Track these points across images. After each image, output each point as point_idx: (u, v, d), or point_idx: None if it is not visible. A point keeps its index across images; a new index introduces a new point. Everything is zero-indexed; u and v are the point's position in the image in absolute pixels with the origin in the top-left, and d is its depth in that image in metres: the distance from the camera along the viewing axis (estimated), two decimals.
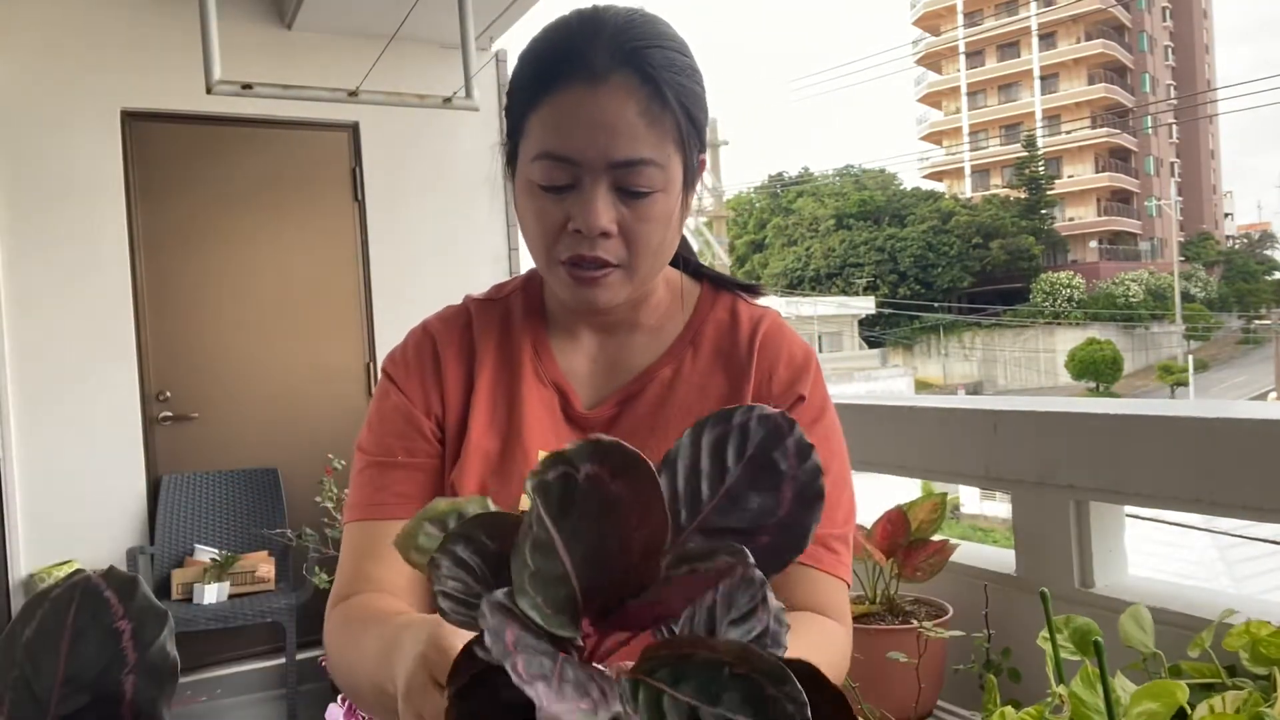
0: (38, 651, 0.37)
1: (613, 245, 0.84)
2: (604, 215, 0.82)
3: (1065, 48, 46.41)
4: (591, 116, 0.80)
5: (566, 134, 0.81)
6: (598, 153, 0.81)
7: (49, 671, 0.37)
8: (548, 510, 0.37)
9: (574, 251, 0.84)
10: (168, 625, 0.37)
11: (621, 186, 0.82)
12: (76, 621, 0.37)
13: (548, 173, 0.82)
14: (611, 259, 0.84)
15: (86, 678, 0.37)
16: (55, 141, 3.60)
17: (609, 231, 0.82)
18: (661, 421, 0.90)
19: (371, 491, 0.89)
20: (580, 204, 0.82)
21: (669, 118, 0.82)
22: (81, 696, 0.36)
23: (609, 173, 0.81)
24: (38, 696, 0.37)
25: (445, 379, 0.93)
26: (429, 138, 4.22)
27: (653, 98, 0.81)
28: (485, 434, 0.90)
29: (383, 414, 0.93)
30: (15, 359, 3.51)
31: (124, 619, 0.36)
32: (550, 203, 0.83)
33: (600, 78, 0.80)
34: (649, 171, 0.82)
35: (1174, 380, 30.58)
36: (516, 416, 0.91)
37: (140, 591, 0.37)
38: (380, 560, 0.86)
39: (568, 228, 0.83)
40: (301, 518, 3.78)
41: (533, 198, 0.85)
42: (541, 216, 0.84)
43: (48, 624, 0.37)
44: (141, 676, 0.36)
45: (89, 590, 0.37)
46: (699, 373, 0.93)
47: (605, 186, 0.82)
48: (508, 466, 0.89)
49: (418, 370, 0.94)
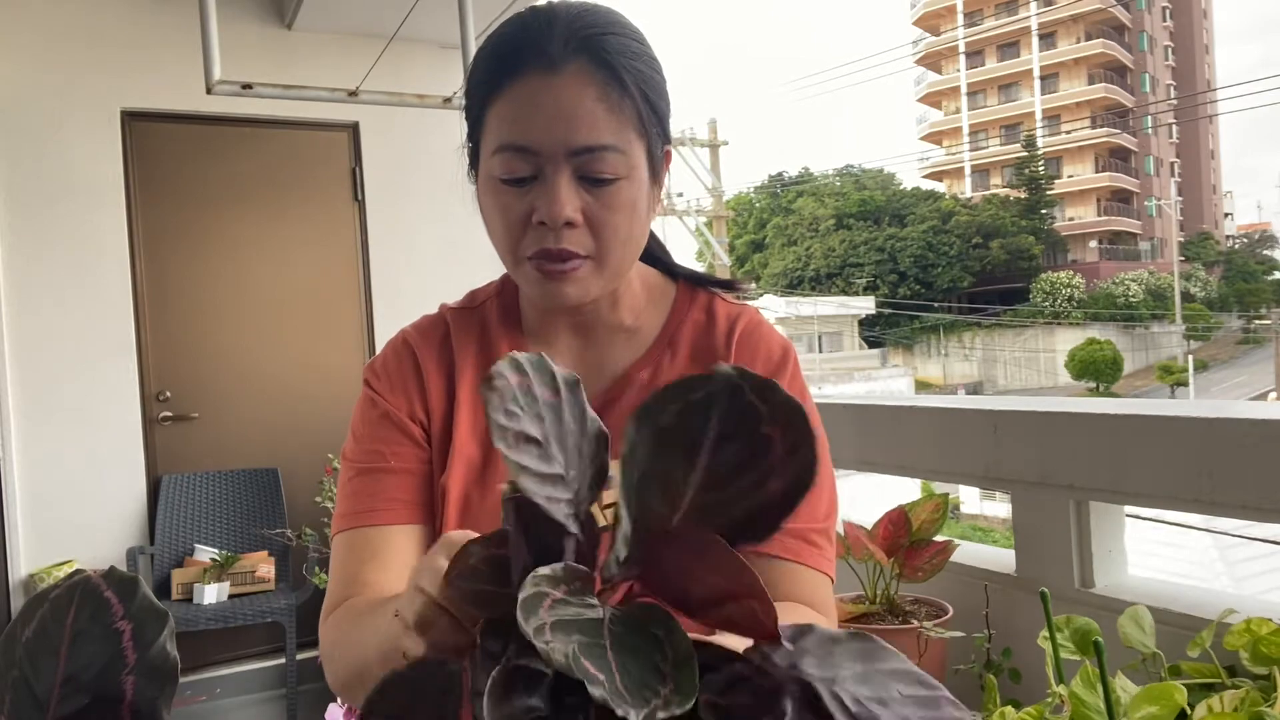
0: (37, 652, 0.37)
1: (579, 236, 0.82)
2: (567, 204, 0.80)
3: (1065, 48, 46.40)
4: (549, 104, 0.80)
5: (525, 124, 0.80)
6: (557, 140, 0.80)
7: (49, 672, 0.37)
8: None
9: (540, 245, 0.82)
10: (168, 625, 0.37)
11: (584, 175, 0.81)
12: (76, 622, 0.37)
13: (508, 165, 0.82)
14: (579, 250, 0.82)
15: (86, 678, 0.36)
16: (55, 141, 3.60)
17: (574, 221, 0.81)
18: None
19: (363, 499, 0.88)
20: (543, 195, 0.81)
21: (628, 104, 0.81)
22: (81, 697, 0.36)
23: (570, 161, 0.80)
24: (37, 697, 0.37)
25: (428, 387, 0.92)
26: (429, 138, 4.21)
27: (610, 83, 0.81)
28: (468, 441, 0.90)
29: (368, 422, 0.92)
30: (15, 359, 3.51)
31: (124, 619, 0.36)
32: (513, 197, 0.83)
33: (556, 66, 0.80)
34: (611, 158, 0.81)
35: (1174, 380, 30.59)
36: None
37: (140, 591, 0.37)
38: (379, 565, 0.85)
39: (532, 221, 0.82)
40: (301, 518, 3.78)
41: (495, 194, 0.84)
42: (504, 212, 0.84)
43: (47, 624, 0.37)
44: (141, 677, 0.36)
45: (89, 590, 0.37)
46: (677, 373, 0.91)
47: (567, 175, 0.81)
48: (488, 475, 0.88)
49: (400, 379, 0.93)
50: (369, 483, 0.89)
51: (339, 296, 4.12)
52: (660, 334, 0.95)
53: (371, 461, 0.90)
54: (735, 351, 0.92)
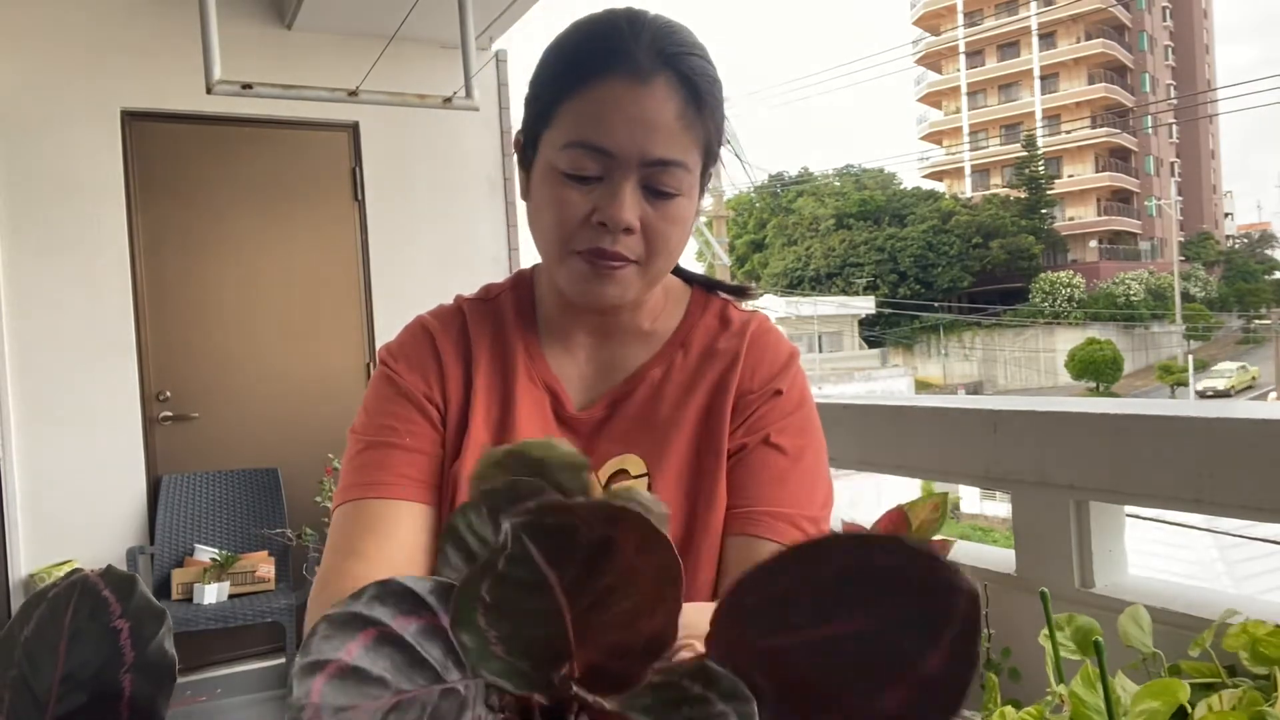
0: (36, 650, 0.37)
1: (633, 242, 0.84)
2: (631, 211, 0.82)
3: (1065, 47, 46.40)
4: (633, 112, 0.81)
5: (606, 126, 0.81)
6: (635, 148, 0.81)
7: (47, 670, 0.37)
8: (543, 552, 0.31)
9: (594, 244, 0.83)
10: (165, 624, 0.37)
11: (650, 185, 0.83)
12: (74, 620, 0.37)
13: (577, 161, 0.82)
14: (631, 255, 0.84)
15: (84, 676, 0.36)
16: (55, 141, 3.60)
17: (633, 227, 0.83)
18: (651, 420, 0.91)
19: (370, 471, 0.86)
20: (608, 197, 0.82)
21: (700, 126, 0.84)
22: (79, 695, 0.36)
23: (640, 170, 0.82)
24: (36, 695, 0.37)
25: (446, 373, 0.93)
26: (429, 138, 4.21)
27: (690, 104, 0.83)
28: (482, 431, 0.90)
29: (382, 398, 0.91)
30: (15, 359, 3.51)
31: (121, 618, 0.36)
32: (575, 193, 0.83)
33: (645, 76, 0.81)
34: (678, 174, 0.83)
35: (1174, 380, 30.59)
36: (510, 417, 0.91)
37: (138, 590, 0.37)
38: (378, 536, 0.82)
39: (591, 220, 0.83)
40: (301, 518, 3.78)
41: (554, 186, 0.84)
42: (562, 205, 0.84)
43: (46, 623, 0.37)
44: (139, 675, 0.36)
45: (87, 589, 0.37)
46: (687, 372, 0.94)
47: (634, 183, 0.82)
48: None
49: (418, 361, 0.93)
50: (377, 456, 0.87)
51: (339, 296, 4.12)
52: (673, 335, 0.96)
53: (382, 435, 0.88)
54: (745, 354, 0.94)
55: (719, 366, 0.93)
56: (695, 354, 0.95)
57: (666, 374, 0.93)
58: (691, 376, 0.93)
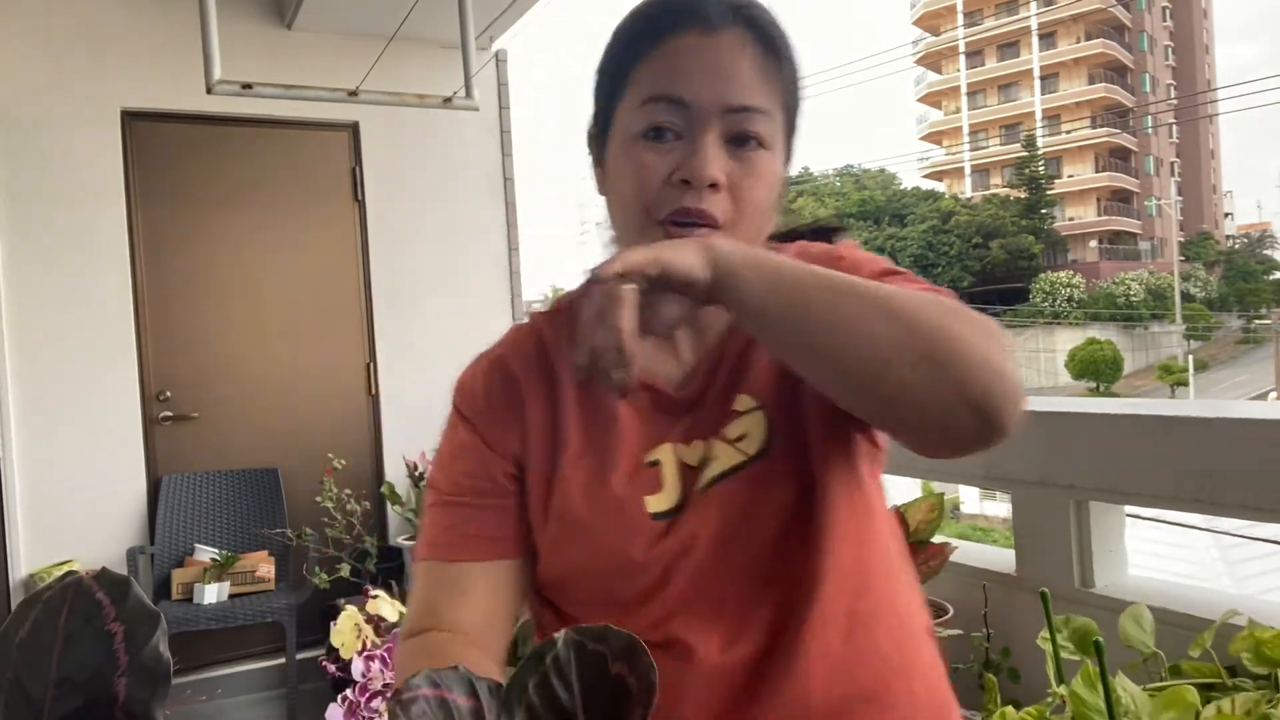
0: (31, 654, 0.37)
1: (720, 200, 0.78)
2: (715, 163, 0.77)
3: (1065, 47, 46.39)
4: (707, 60, 0.78)
5: (681, 76, 0.78)
6: (712, 96, 0.78)
7: (42, 674, 0.37)
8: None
9: (678, 204, 0.78)
10: (160, 626, 0.37)
11: (733, 136, 0.79)
12: (69, 624, 0.36)
13: (654, 117, 0.79)
14: (718, 215, 0.78)
15: (80, 680, 0.36)
16: (55, 141, 3.60)
17: (718, 183, 0.78)
18: (748, 377, 0.85)
19: (442, 531, 0.86)
20: (689, 152, 0.78)
21: (779, 79, 0.81)
22: (75, 699, 0.36)
23: (721, 120, 0.78)
24: (32, 699, 0.37)
25: (526, 411, 0.87)
26: (429, 138, 4.21)
27: (765, 55, 0.80)
28: (583, 449, 0.85)
29: (453, 450, 0.88)
30: (15, 359, 3.51)
31: (116, 621, 0.36)
32: (654, 154, 0.79)
33: (715, 27, 0.79)
34: (761, 121, 0.79)
35: (1174, 380, 30.57)
36: (609, 422, 0.86)
37: (132, 593, 0.37)
38: (456, 602, 0.84)
39: (673, 180, 0.78)
40: (301, 518, 3.77)
41: (633, 152, 0.80)
42: (642, 169, 0.79)
43: (40, 626, 0.36)
44: (134, 678, 0.36)
45: (81, 592, 0.37)
46: None
47: (715, 135, 0.78)
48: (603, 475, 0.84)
49: (488, 404, 0.88)
50: (451, 515, 0.86)
51: (339, 296, 4.12)
52: None
53: (455, 493, 0.87)
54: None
55: None
56: None
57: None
58: None
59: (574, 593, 0.86)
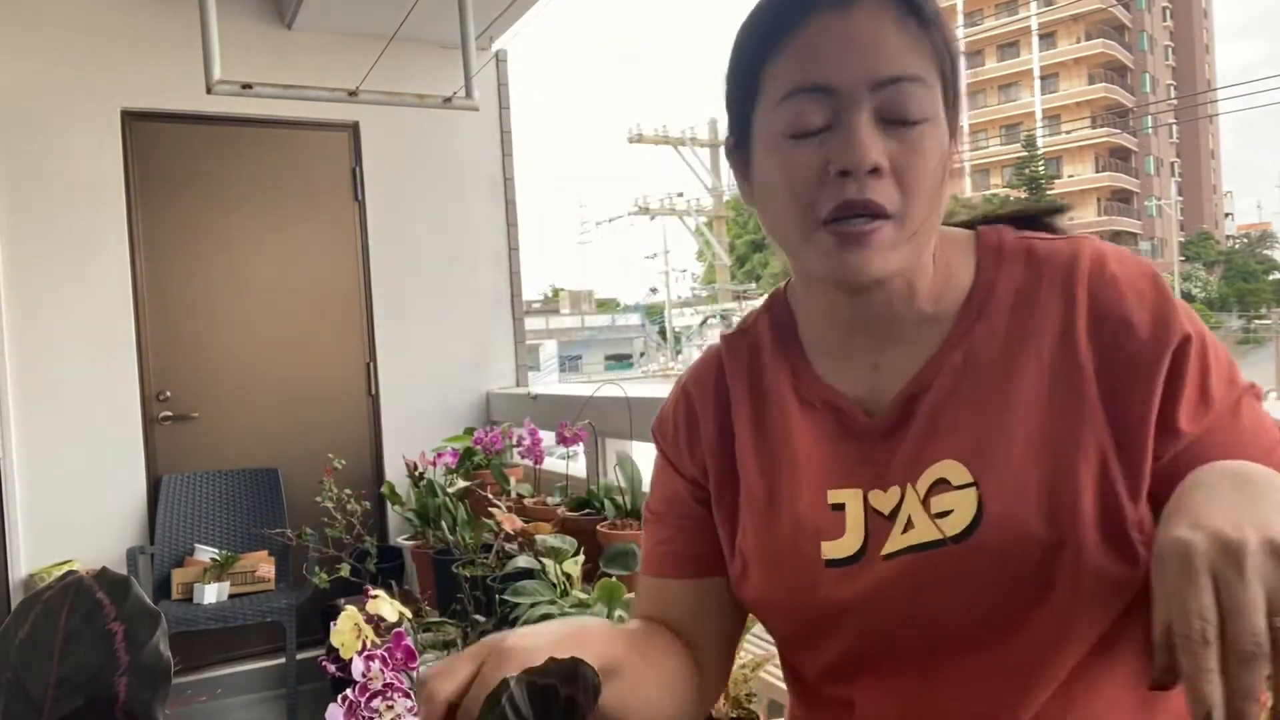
0: (31, 654, 0.37)
1: (884, 187, 0.69)
2: (872, 146, 0.69)
3: (1065, 47, 46.43)
4: (846, 35, 0.70)
5: (819, 60, 0.70)
6: (858, 72, 0.69)
7: (43, 674, 0.37)
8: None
9: (839, 199, 0.70)
10: (160, 626, 0.37)
11: (887, 114, 0.70)
12: (69, 623, 0.36)
13: (799, 111, 0.70)
14: (885, 204, 0.69)
15: (80, 680, 0.36)
16: (55, 141, 3.60)
17: (880, 167, 0.69)
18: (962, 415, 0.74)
19: (651, 547, 0.90)
20: (842, 139, 0.69)
21: (927, 40, 0.71)
22: (75, 699, 0.36)
23: (872, 97, 0.69)
24: (32, 699, 0.36)
25: (702, 435, 0.86)
26: (429, 138, 4.21)
27: (909, 17, 0.71)
28: (757, 481, 0.81)
29: (656, 470, 0.92)
30: (15, 359, 3.51)
31: (116, 620, 0.36)
32: (802, 151, 0.71)
33: (847, 4, 0.70)
34: (917, 92, 0.70)
35: None
36: (787, 451, 0.80)
37: (132, 592, 0.37)
38: (641, 605, 0.90)
39: (829, 174, 0.70)
40: (301, 518, 3.77)
41: (780, 153, 0.72)
42: (792, 170, 0.71)
43: (40, 626, 0.36)
44: (135, 678, 0.36)
45: (81, 592, 0.37)
46: (997, 348, 0.74)
47: (868, 115, 0.69)
48: (775, 510, 0.79)
49: (673, 432, 0.89)
50: (656, 532, 0.90)
51: (339, 296, 4.12)
52: (965, 306, 0.77)
53: (653, 512, 0.90)
54: (1089, 303, 0.73)
55: (1047, 326, 0.73)
56: (1003, 322, 0.75)
57: (969, 355, 0.75)
58: (1007, 347, 0.74)
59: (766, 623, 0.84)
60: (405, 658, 1.08)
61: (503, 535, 2.14)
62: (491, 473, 3.00)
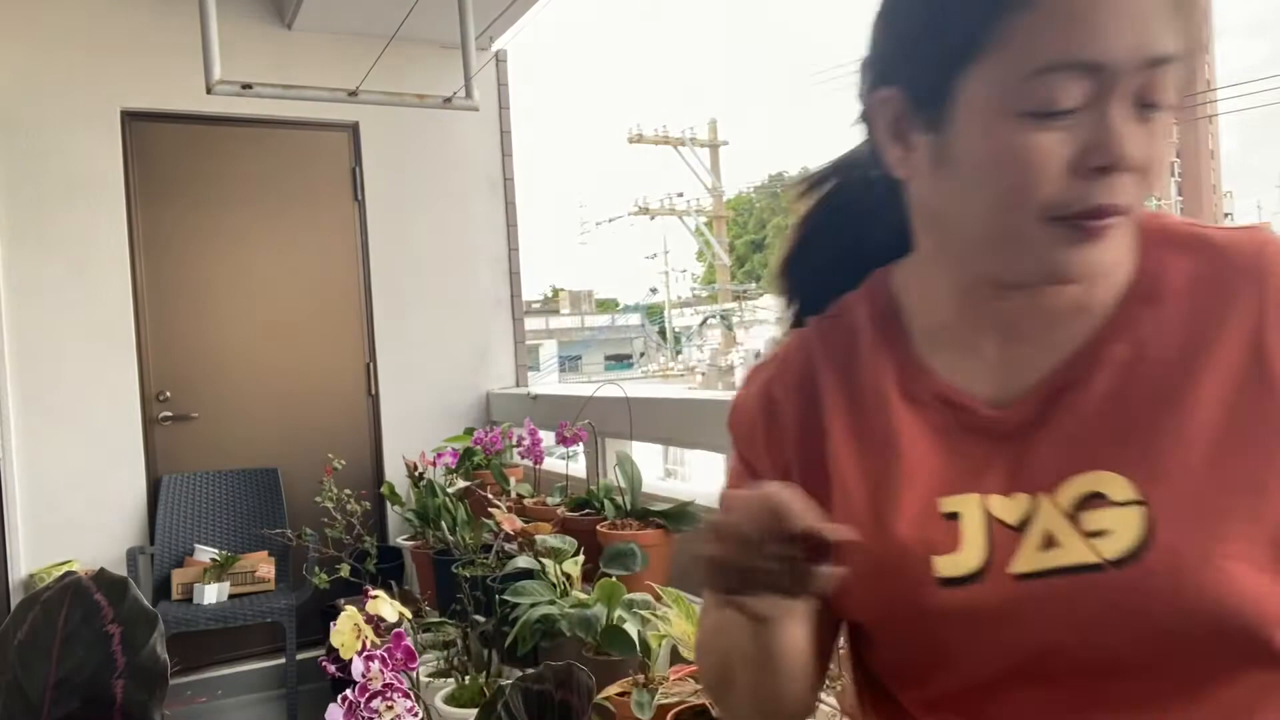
0: (30, 655, 0.37)
1: (1129, 184, 0.60)
2: (1135, 140, 0.60)
3: None
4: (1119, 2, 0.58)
5: (1091, 28, 0.57)
6: (1132, 47, 0.58)
7: (41, 675, 0.37)
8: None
9: (1090, 203, 0.60)
10: (158, 628, 0.37)
11: (1144, 96, 0.60)
12: (67, 625, 0.36)
13: (1055, 91, 0.59)
14: (1128, 204, 0.61)
15: (78, 681, 0.36)
16: (55, 141, 3.60)
17: (1145, 165, 0.61)
18: (1130, 418, 0.63)
19: None
20: (1102, 129, 0.59)
21: (1193, 9, 0.61)
22: (73, 700, 0.36)
23: (1134, 79, 0.59)
24: (30, 700, 0.37)
25: (786, 436, 0.76)
26: (429, 138, 4.21)
27: None
28: (855, 485, 0.71)
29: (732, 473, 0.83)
30: (15, 359, 3.51)
31: (114, 622, 0.36)
32: (1048, 136, 0.59)
33: None
34: (1172, 74, 0.61)
35: None
36: (890, 453, 0.70)
37: (130, 593, 0.37)
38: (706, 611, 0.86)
39: (1085, 167, 0.60)
40: (301, 518, 3.77)
41: (1009, 132, 0.60)
42: (1029, 153, 0.60)
43: (39, 627, 0.36)
44: (132, 680, 0.36)
45: (80, 593, 0.37)
46: (1177, 340, 0.64)
47: (1127, 99, 0.59)
48: (877, 519, 0.69)
49: (749, 428, 0.79)
50: None
51: (339, 296, 4.12)
52: (1131, 290, 0.67)
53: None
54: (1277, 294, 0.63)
55: (1235, 317, 0.63)
56: (1180, 309, 0.65)
57: (1138, 348, 0.64)
58: (1188, 344, 0.64)
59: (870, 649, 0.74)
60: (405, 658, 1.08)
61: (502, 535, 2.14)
62: (491, 473, 3.00)
